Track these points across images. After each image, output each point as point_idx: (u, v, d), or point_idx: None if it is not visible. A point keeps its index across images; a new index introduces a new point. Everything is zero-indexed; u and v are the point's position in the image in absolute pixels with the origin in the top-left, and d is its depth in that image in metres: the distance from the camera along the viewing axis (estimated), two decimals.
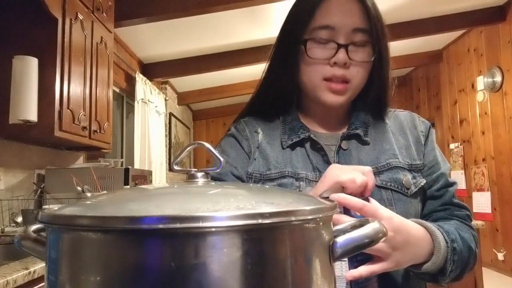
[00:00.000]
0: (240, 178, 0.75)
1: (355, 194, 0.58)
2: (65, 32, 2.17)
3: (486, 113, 4.71)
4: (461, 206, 0.75)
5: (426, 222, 0.65)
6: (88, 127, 2.43)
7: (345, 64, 0.70)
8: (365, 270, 0.55)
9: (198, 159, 7.39)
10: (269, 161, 0.74)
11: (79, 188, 2.26)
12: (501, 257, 4.37)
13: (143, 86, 4.31)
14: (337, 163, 0.68)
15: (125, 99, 4.34)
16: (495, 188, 4.54)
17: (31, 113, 1.94)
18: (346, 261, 0.58)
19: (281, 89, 0.78)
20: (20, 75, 1.92)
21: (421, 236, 0.62)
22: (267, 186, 0.50)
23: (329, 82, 0.71)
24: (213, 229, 0.28)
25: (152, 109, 4.55)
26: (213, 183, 0.40)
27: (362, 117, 0.77)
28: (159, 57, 4.63)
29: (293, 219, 0.31)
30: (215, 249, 0.28)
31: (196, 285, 0.28)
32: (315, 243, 0.34)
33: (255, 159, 0.75)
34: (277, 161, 0.74)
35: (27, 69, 1.94)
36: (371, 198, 0.60)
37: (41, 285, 1.39)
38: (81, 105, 2.35)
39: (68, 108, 2.19)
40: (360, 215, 0.57)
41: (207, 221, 0.28)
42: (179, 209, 0.31)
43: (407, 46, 4.85)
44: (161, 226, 0.28)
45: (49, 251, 0.35)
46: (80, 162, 3.03)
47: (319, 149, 0.74)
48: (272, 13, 3.66)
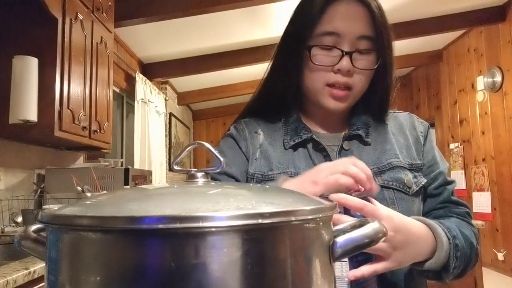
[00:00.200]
0: (234, 177, 0.75)
1: (355, 188, 0.58)
2: (65, 32, 2.17)
3: (486, 113, 4.71)
4: (460, 203, 0.76)
5: (427, 219, 0.65)
6: (88, 127, 2.43)
7: (348, 71, 0.70)
8: (367, 270, 0.55)
9: (198, 159, 7.39)
10: (271, 162, 0.74)
11: (79, 188, 2.26)
12: (501, 257, 4.37)
13: (143, 86, 4.31)
14: None
15: (125, 99, 4.34)
16: (495, 188, 4.54)
17: (31, 113, 1.94)
18: (346, 262, 0.58)
19: (283, 91, 0.78)
20: (20, 75, 1.92)
21: (423, 233, 0.61)
22: (267, 186, 0.50)
23: (331, 88, 0.72)
24: (213, 229, 0.28)
25: (152, 109, 4.55)
26: (213, 183, 0.40)
27: (363, 118, 0.77)
28: (159, 57, 4.63)
29: (293, 219, 0.31)
30: (215, 249, 0.28)
31: (196, 285, 0.28)
32: (315, 243, 0.34)
33: (256, 160, 0.75)
34: (279, 161, 0.74)
35: (27, 69, 1.94)
36: (372, 198, 0.60)
37: (41, 285, 1.39)
38: (81, 105, 2.35)
39: (68, 108, 2.19)
40: (360, 215, 0.57)
41: (207, 221, 0.28)
42: (179, 209, 0.31)
43: (407, 46, 4.85)
44: (161, 226, 0.28)
45: (49, 251, 0.35)
46: (80, 162, 3.03)
47: (321, 149, 0.74)
48: (272, 13, 3.66)
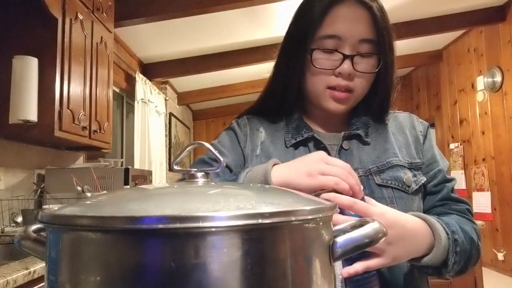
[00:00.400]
0: (228, 167, 0.76)
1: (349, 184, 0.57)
2: (65, 32, 2.17)
3: (486, 113, 4.71)
4: (460, 200, 0.76)
5: (424, 214, 0.64)
6: (88, 127, 2.43)
7: (349, 75, 0.70)
8: (360, 266, 0.55)
9: None
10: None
11: (79, 188, 2.26)
12: (501, 257, 4.36)
13: (143, 86, 4.31)
14: None
15: (125, 99, 4.34)
16: (495, 188, 4.54)
17: (31, 113, 1.94)
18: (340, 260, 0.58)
19: (285, 92, 0.79)
20: (20, 75, 1.92)
21: (419, 229, 0.61)
22: (267, 186, 0.50)
23: (332, 90, 0.72)
24: (213, 229, 0.28)
25: (152, 109, 4.55)
26: (213, 183, 0.40)
27: (363, 119, 0.77)
28: (159, 57, 4.63)
29: (293, 219, 0.31)
30: (215, 249, 0.28)
31: (196, 285, 0.28)
32: (315, 243, 0.34)
33: (256, 156, 0.76)
34: (280, 159, 0.74)
35: (27, 69, 1.94)
36: (367, 197, 0.60)
37: (41, 285, 1.39)
38: (81, 105, 2.35)
39: (68, 108, 2.19)
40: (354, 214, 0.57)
41: (207, 221, 0.28)
42: (179, 209, 0.31)
43: (407, 46, 4.85)
44: (161, 226, 0.28)
45: (49, 251, 0.35)
46: (80, 162, 3.03)
47: (322, 148, 0.74)
48: (272, 13, 3.66)
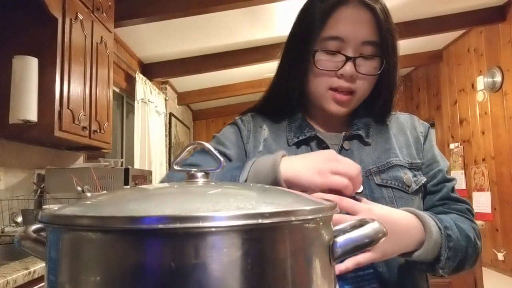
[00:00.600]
0: (226, 156, 0.76)
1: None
2: (65, 32, 2.17)
3: (486, 113, 4.71)
4: (460, 200, 0.75)
5: (416, 210, 0.64)
6: (88, 127, 2.43)
7: (351, 76, 0.70)
8: (351, 262, 0.55)
9: None
10: None
11: (79, 188, 2.26)
12: (501, 257, 4.36)
13: (143, 86, 4.31)
14: None
15: (125, 99, 4.34)
16: (495, 188, 4.54)
17: (31, 113, 1.94)
18: None
19: (288, 92, 0.79)
20: (20, 75, 1.92)
21: (410, 223, 0.61)
22: (267, 186, 0.50)
23: (334, 92, 0.72)
24: (213, 229, 0.28)
25: (152, 109, 4.55)
26: (213, 183, 0.40)
27: (364, 119, 0.77)
28: (159, 57, 4.63)
29: (293, 219, 0.31)
30: (215, 249, 0.28)
31: (196, 285, 0.28)
32: (315, 243, 0.34)
33: (259, 152, 0.76)
34: None
35: (27, 69, 1.94)
36: (360, 197, 0.60)
37: (41, 285, 1.39)
38: (81, 105, 2.35)
39: (68, 108, 2.19)
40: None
41: (207, 221, 0.28)
42: (179, 209, 0.31)
43: (407, 46, 4.85)
44: (161, 226, 0.28)
45: (49, 251, 0.35)
46: (80, 162, 3.03)
47: (324, 148, 0.74)
48: (272, 13, 3.66)
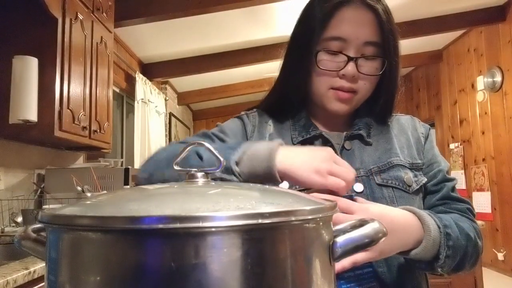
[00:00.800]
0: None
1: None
2: (65, 32, 2.17)
3: (486, 113, 4.71)
4: (461, 200, 0.75)
5: (415, 208, 0.64)
6: (88, 127, 2.43)
7: (353, 77, 0.71)
8: (347, 261, 0.55)
9: None
10: None
11: (79, 188, 2.26)
12: (501, 257, 4.36)
13: (143, 86, 4.31)
14: None
15: (125, 99, 4.34)
16: (495, 188, 4.54)
17: (31, 113, 1.94)
18: None
19: (292, 94, 0.79)
20: (20, 75, 1.92)
21: (408, 222, 0.61)
22: (267, 186, 0.50)
23: (336, 90, 0.72)
24: (213, 229, 0.28)
25: (152, 109, 4.55)
26: (213, 183, 0.40)
27: (365, 119, 0.78)
28: (159, 57, 4.63)
29: (293, 219, 0.31)
30: (215, 249, 0.28)
31: (196, 285, 0.28)
32: (315, 243, 0.34)
33: None
34: None
35: (27, 69, 1.94)
36: (358, 197, 0.60)
37: (41, 285, 1.39)
38: (81, 105, 2.35)
39: (68, 108, 2.19)
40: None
41: (207, 221, 0.28)
42: (179, 209, 0.31)
43: (407, 46, 4.85)
44: (161, 226, 0.28)
45: (49, 251, 0.35)
46: (80, 162, 3.03)
47: (328, 146, 0.74)
48: (272, 13, 3.66)
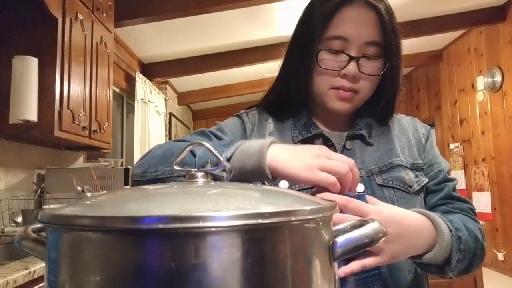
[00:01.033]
0: None
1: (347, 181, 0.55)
2: (65, 32, 2.17)
3: (486, 113, 4.71)
4: (462, 200, 0.75)
5: (427, 211, 0.63)
6: (88, 127, 2.43)
7: (354, 76, 0.70)
8: (356, 265, 0.54)
9: None
10: None
11: (79, 188, 2.26)
12: (501, 257, 4.36)
13: (143, 86, 4.30)
14: None
15: (125, 99, 4.34)
16: (495, 188, 4.54)
17: (31, 113, 1.93)
18: None
19: (292, 93, 0.79)
20: (20, 75, 1.92)
21: (421, 225, 0.60)
22: (267, 186, 0.50)
23: (337, 89, 0.72)
24: (213, 229, 0.28)
25: (152, 109, 4.55)
26: (213, 183, 0.40)
27: (366, 119, 0.78)
28: (159, 57, 4.63)
29: (293, 219, 0.31)
30: (215, 249, 0.28)
31: (196, 285, 0.28)
32: (315, 243, 0.34)
33: None
34: None
35: (27, 69, 1.94)
36: (369, 196, 0.59)
37: (41, 285, 1.39)
38: (81, 105, 2.35)
39: (68, 108, 2.19)
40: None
41: (207, 221, 0.28)
42: (179, 209, 0.31)
43: (407, 46, 4.74)
44: (161, 226, 0.28)
45: (49, 251, 0.35)
46: (80, 162, 3.03)
47: (329, 146, 0.74)
48: (272, 13, 3.66)
